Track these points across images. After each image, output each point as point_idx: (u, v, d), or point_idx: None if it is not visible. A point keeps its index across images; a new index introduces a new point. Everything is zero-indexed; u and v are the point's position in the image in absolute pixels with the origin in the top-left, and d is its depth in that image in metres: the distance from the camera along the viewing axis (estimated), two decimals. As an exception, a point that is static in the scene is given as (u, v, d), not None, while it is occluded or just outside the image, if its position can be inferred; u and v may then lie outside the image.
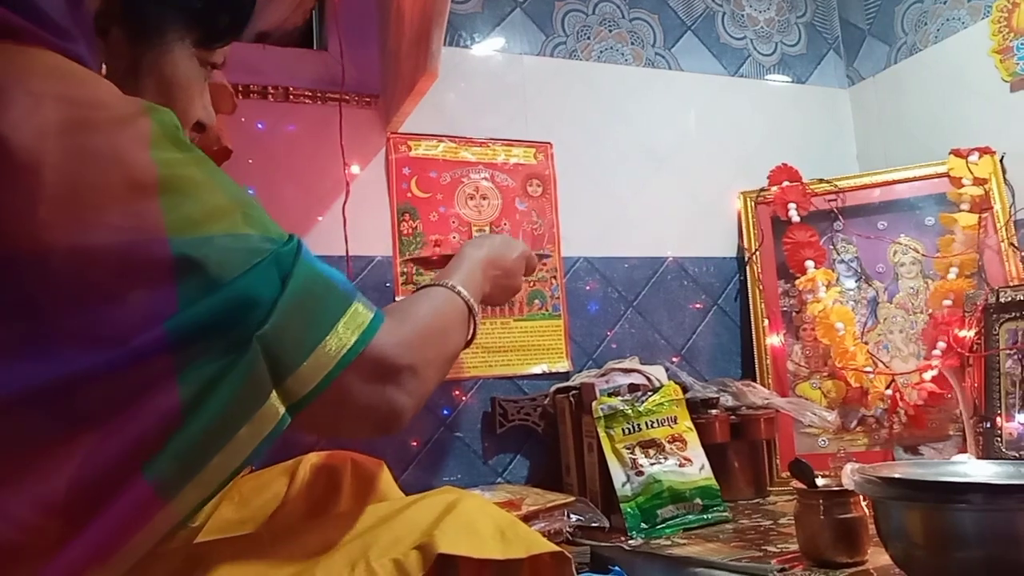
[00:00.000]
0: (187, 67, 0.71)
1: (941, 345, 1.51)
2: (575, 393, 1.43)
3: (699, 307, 1.76)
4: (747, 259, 1.75)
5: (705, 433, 1.38)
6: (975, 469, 0.95)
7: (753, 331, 1.70)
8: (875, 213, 1.70)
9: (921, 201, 1.66)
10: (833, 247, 1.70)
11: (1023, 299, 1.38)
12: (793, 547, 1.03)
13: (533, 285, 1.59)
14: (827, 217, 1.71)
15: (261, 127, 1.45)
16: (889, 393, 1.54)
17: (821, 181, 1.73)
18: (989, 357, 1.40)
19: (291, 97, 1.47)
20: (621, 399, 1.33)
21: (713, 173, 1.81)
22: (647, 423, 1.32)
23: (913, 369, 1.54)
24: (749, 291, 1.73)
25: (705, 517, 1.27)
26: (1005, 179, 1.59)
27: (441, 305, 0.77)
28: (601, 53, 1.76)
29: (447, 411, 1.50)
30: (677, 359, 1.71)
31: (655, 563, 1.12)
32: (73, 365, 0.49)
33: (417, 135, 1.56)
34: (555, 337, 1.60)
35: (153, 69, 0.68)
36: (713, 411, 1.44)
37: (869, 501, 0.93)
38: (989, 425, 1.36)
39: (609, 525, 1.26)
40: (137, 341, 0.50)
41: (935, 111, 1.77)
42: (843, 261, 1.70)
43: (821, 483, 1.00)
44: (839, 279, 1.68)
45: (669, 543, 1.17)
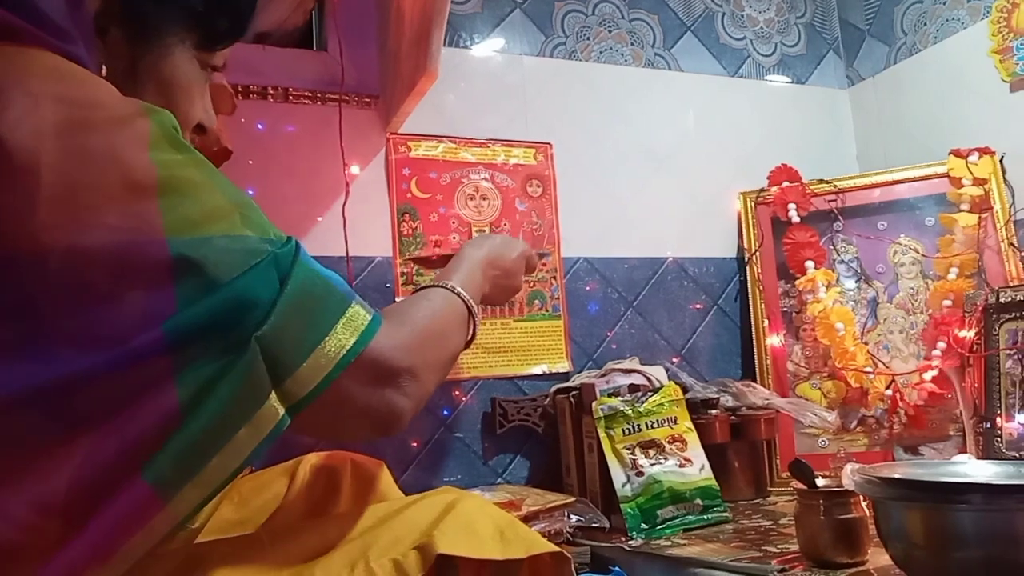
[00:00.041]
0: (187, 69, 0.70)
1: (941, 345, 1.51)
2: (575, 393, 1.43)
3: (699, 307, 1.76)
4: (747, 259, 1.75)
5: (705, 433, 1.38)
6: (975, 469, 0.95)
7: (753, 331, 1.70)
8: (875, 213, 1.70)
9: (921, 201, 1.66)
10: (833, 247, 1.70)
11: (1023, 299, 1.38)
12: (793, 547, 1.03)
13: (533, 285, 1.59)
14: (827, 217, 1.71)
15: (261, 127, 1.45)
16: (889, 393, 1.54)
17: (821, 181, 1.73)
18: (989, 357, 1.40)
19: (291, 98, 1.47)
20: (621, 399, 1.33)
21: (713, 173, 1.81)
22: (647, 423, 1.32)
23: (913, 369, 1.54)
24: (749, 291, 1.73)
25: (705, 517, 1.27)
26: (1005, 179, 1.59)
27: (440, 306, 0.76)
28: (601, 53, 1.76)
29: (447, 411, 1.50)
30: (677, 359, 1.71)
31: (655, 563, 1.12)
32: (72, 366, 0.49)
33: (417, 135, 1.56)
34: (555, 337, 1.60)
35: (153, 71, 0.68)
36: (713, 411, 1.44)
37: (869, 501, 0.93)
38: (989, 425, 1.36)
39: (609, 525, 1.26)
40: (135, 342, 0.50)
41: (935, 111, 1.77)
42: (843, 261, 1.69)
43: (821, 483, 1.00)
44: (839, 279, 1.68)
45: (669, 543, 1.17)
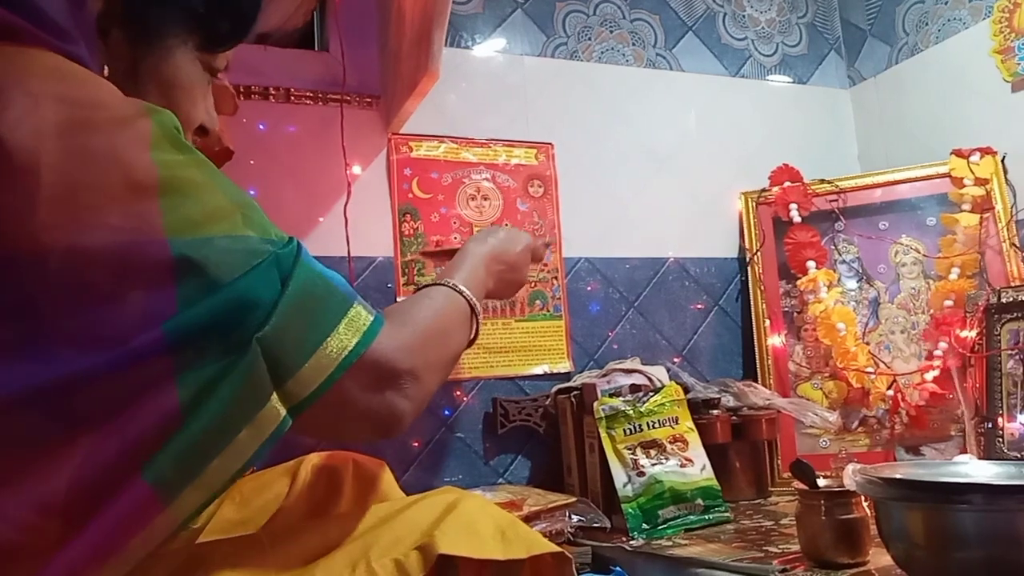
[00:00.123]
0: (189, 70, 0.70)
1: (943, 345, 1.51)
2: (576, 394, 1.43)
3: (700, 307, 1.76)
4: (748, 259, 1.75)
5: (706, 433, 1.38)
6: (976, 470, 0.95)
7: (754, 331, 1.70)
8: (876, 213, 1.70)
9: (922, 201, 1.66)
10: (834, 247, 1.70)
11: (1024, 299, 1.39)
12: (794, 548, 1.03)
13: (534, 286, 1.59)
14: (828, 217, 1.71)
15: (262, 128, 1.45)
16: (890, 393, 1.54)
17: (822, 181, 1.73)
18: (990, 357, 1.40)
19: (292, 98, 1.47)
20: (622, 399, 1.33)
21: (714, 173, 1.81)
22: (648, 423, 1.32)
23: (914, 369, 1.54)
24: (750, 291, 1.73)
25: (706, 518, 1.27)
26: (1006, 179, 1.58)
27: (442, 305, 0.76)
28: (602, 54, 1.76)
29: (448, 411, 1.50)
30: (678, 359, 1.71)
31: (656, 564, 1.12)
32: (72, 366, 0.49)
33: (418, 136, 1.56)
34: (556, 337, 1.60)
35: (155, 72, 0.68)
36: (714, 411, 1.44)
37: (870, 502, 0.93)
38: (990, 425, 1.36)
39: (610, 526, 1.26)
40: (136, 342, 0.50)
41: (936, 111, 1.77)
42: (844, 261, 1.69)
43: (822, 484, 1.00)
44: (840, 279, 1.67)
45: (670, 544, 1.17)
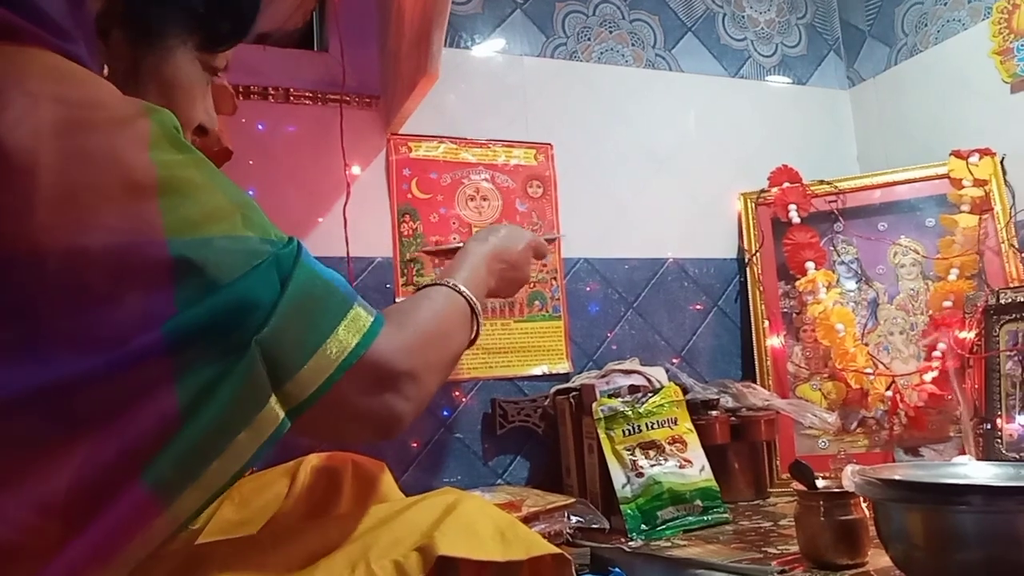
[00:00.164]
0: (189, 70, 0.70)
1: (941, 346, 1.51)
2: (575, 394, 1.43)
3: (699, 308, 1.76)
4: (747, 260, 1.75)
5: (705, 434, 1.38)
6: (975, 471, 0.95)
7: (753, 332, 1.70)
8: (875, 214, 1.70)
9: (921, 202, 1.66)
10: (833, 248, 1.70)
11: (1023, 300, 1.39)
12: (793, 549, 1.03)
13: (533, 286, 1.59)
14: (827, 218, 1.71)
15: (262, 128, 1.45)
16: (889, 394, 1.54)
17: (821, 182, 1.73)
18: (989, 358, 1.40)
19: (291, 98, 1.47)
20: (621, 400, 1.33)
21: (713, 174, 1.81)
22: (647, 424, 1.32)
23: (913, 370, 1.54)
24: (749, 292, 1.73)
25: (705, 519, 1.27)
26: (1005, 180, 1.59)
27: (442, 306, 0.75)
28: (601, 54, 1.76)
29: (447, 412, 1.50)
30: (677, 360, 1.71)
31: (655, 565, 1.12)
32: (71, 367, 0.49)
33: (417, 136, 1.56)
34: (555, 338, 1.60)
35: (154, 72, 0.68)
36: (713, 412, 1.44)
37: (869, 503, 0.94)
38: (989, 426, 1.36)
39: (609, 526, 1.26)
40: (135, 343, 0.50)
41: (935, 112, 1.77)
42: (843, 262, 1.70)
43: (821, 485, 1.00)
44: (839, 280, 1.68)
45: (669, 544, 1.17)
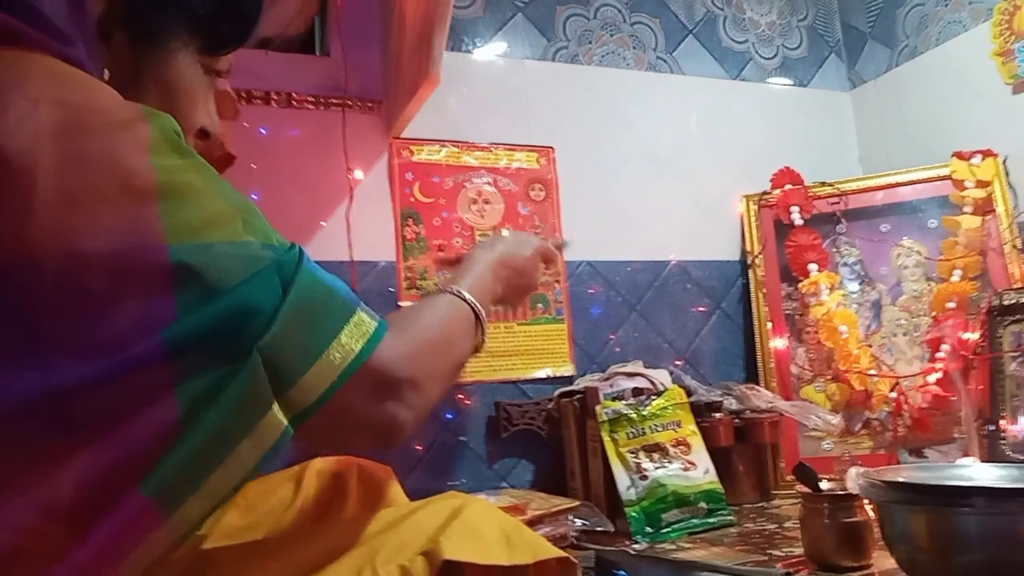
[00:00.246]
0: (191, 74, 0.70)
1: (945, 348, 1.51)
2: (579, 397, 1.43)
3: (702, 310, 1.76)
4: (750, 262, 1.75)
5: (709, 437, 1.37)
6: (979, 472, 0.95)
7: (756, 334, 1.70)
8: (878, 216, 1.70)
9: (924, 204, 1.66)
10: (836, 250, 1.71)
11: (1027, 301, 1.39)
12: (798, 551, 1.03)
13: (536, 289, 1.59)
14: (830, 220, 1.71)
15: (264, 132, 1.45)
16: (893, 396, 1.54)
17: (823, 184, 1.73)
18: (993, 359, 1.40)
19: (294, 103, 1.48)
20: (625, 403, 1.33)
21: (715, 176, 1.81)
22: (651, 427, 1.32)
23: (917, 372, 1.54)
24: (752, 294, 1.73)
25: (710, 521, 1.27)
26: (1008, 181, 1.59)
27: (446, 313, 0.74)
28: (603, 57, 1.77)
29: (451, 415, 1.50)
30: (681, 363, 1.70)
31: (660, 567, 1.12)
32: (71, 373, 0.48)
33: (419, 140, 1.56)
34: (559, 341, 1.60)
35: (156, 75, 0.67)
36: (717, 415, 1.44)
37: (873, 505, 0.93)
38: (994, 428, 1.36)
39: (614, 529, 1.26)
40: (135, 349, 0.49)
41: (937, 114, 1.77)
42: (846, 264, 1.70)
43: (825, 487, 1.00)
44: (842, 282, 1.68)
45: (674, 547, 1.17)
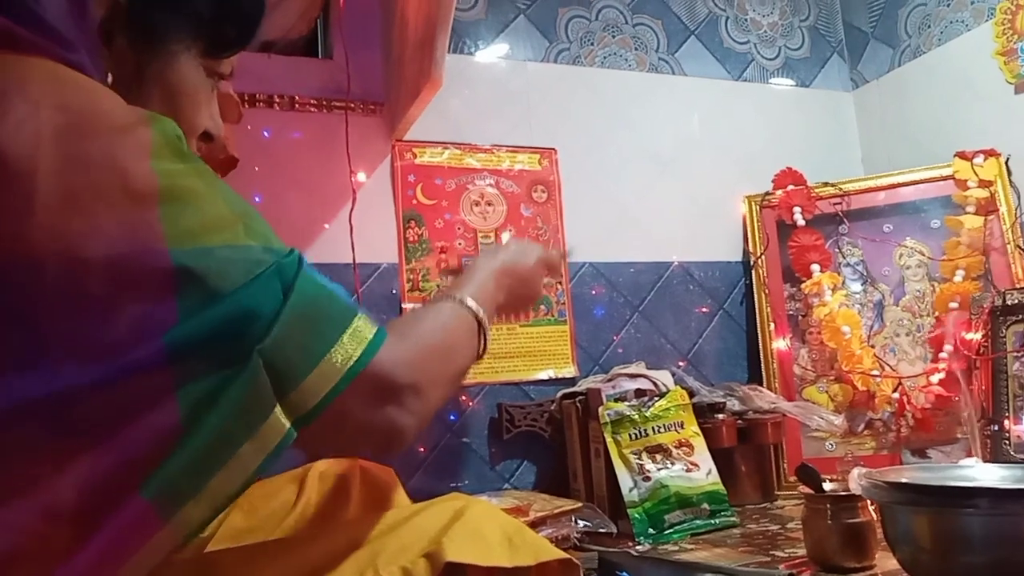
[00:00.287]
0: (193, 76, 0.70)
1: (948, 348, 1.51)
2: (582, 399, 1.43)
3: (705, 311, 1.76)
4: (752, 263, 1.75)
5: (712, 438, 1.38)
6: (982, 473, 0.95)
7: (759, 335, 1.70)
8: (880, 216, 1.70)
9: (926, 204, 1.66)
10: (838, 250, 1.70)
11: (1030, 301, 1.38)
12: (801, 552, 1.03)
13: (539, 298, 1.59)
14: (832, 220, 1.71)
15: (267, 135, 1.46)
16: (896, 396, 1.53)
17: (826, 184, 1.73)
18: (996, 360, 1.40)
19: (297, 105, 1.48)
20: (628, 404, 1.34)
21: (717, 177, 1.81)
22: (654, 428, 1.32)
23: (920, 372, 1.54)
24: (755, 295, 1.73)
25: (713, 522, 1.27)
26: (1010, 181, 1.58)
27: (447, 319, 0.73)
28: (605, 59, 1.77)
29: (454, 417, 1.50)
30: (683, 364, 1.70)
31: (663, 568, 1.12)
32: (71, 377, 0.48)
33: (422, 142, 1.56)
34: (561, 343, 1.60)
35: (159, 78, 0.67)
36: (720, 416, 1.44)
37: (876, 505, 0.93)
38: (997, 428, 1.36)
39: (616, 531, 1.26)
40: (136, 353, 0.49)
41: (939, 114, 1.77)
42: (849, 264, 1.69)
43: (828, 487, 1.00)
44: (845, 282, 1.68)
45: (677, 548, 1.17)
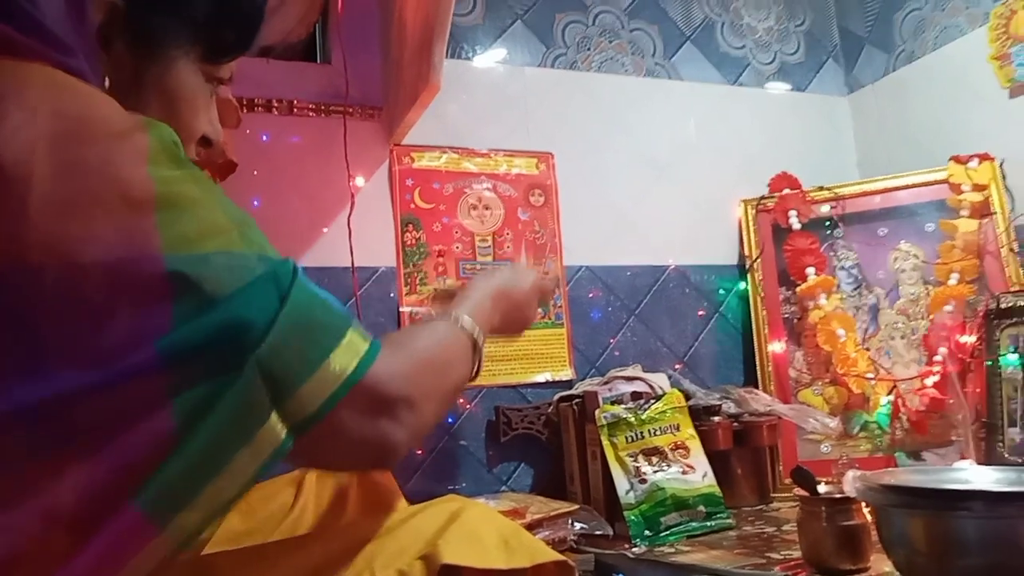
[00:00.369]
0: (192, 81, 0.70)
1: (942, 351, 1.52)
2: (578, 401, 1.43)
3: (701, 315, 1.76)
4: (748, 266, 1.75)
5: (708, 440, 1.38)
6: (977, 476, 0.95)
7: (755, 338, 1.71)
8: (875, 220, 1.70)
9: (921, 207, 1.66)
10: (834, 254, 1.71)
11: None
12: (796, 554, 1.03)
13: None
14: (828, 224, 1.72)
15: (266, 140, 1.46)
16: (891, 399, 1.54)
17: (821, 188, 1.74)
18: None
19: (295, 110, 1.49)
20: (624, 407, 1.34)
21: (714, 181, 1.82)
22: (650, 431, 1.32)
23: (915, 375, 1.55)
24: (750, 298, 1.74)
25: (708, 524, 1.27)
26: (1005, 185, 1.59)
27: (443, 336, 0.72)
28: (601, 64, 1.77)
29: (451, 420, 1.50)
30: (679, 367, 1.71)
31: (659, 570, 1.12)
32: (68, 382, 0.48)
33: (420, 146, 1.57)
34: (558, 345, 1.61)
35: (157, 83, 0.67)
36: (716, 418, 1.44)
37: (871, 508, 0.94)
38: (991, 431, 1.36)
39: (613, 533, 1.26)
40: (131, 360, 0.49)
41: (934, 118, 1.77)
42: (844, 268, 1.70)
43: (823, 490, 1.00)
44: (840, 286, 1.68)
45: (673, 551, 1.18)
